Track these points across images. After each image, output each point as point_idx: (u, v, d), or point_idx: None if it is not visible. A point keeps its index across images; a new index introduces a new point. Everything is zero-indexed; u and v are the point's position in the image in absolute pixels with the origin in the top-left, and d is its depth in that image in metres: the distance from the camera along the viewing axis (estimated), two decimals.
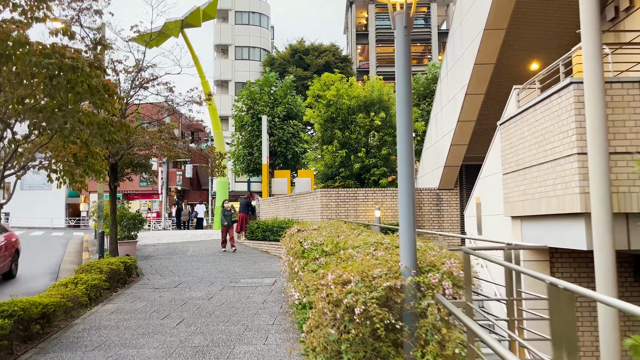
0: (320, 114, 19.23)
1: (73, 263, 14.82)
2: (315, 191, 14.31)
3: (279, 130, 26.74)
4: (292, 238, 7.70)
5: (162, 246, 17.73)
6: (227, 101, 43.20)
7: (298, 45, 40.28)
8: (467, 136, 12.10)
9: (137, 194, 43.96)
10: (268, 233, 16.06)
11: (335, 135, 18.92)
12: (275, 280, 10.56)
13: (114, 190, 13.49)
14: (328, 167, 19.48)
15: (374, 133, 18.55)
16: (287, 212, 16.37)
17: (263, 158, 20.70)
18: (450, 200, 13.94)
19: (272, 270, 12.11)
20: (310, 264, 4.58)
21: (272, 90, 28.18)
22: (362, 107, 18.98)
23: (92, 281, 8.64)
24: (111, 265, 9.88)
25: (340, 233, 7.25)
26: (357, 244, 5.12)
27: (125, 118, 13.61)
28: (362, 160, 18.29)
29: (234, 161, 28.96)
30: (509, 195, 8.13)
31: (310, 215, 14.62)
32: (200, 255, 15.31)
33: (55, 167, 7.10)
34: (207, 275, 11.42)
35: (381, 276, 3.54)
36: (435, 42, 43.97)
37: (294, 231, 8.73)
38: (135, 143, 12.56)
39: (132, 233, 15.02)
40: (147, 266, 13.23)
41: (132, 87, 13.73)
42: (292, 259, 6.46)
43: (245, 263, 13.48)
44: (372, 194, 14.00)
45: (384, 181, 18.20)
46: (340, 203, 13.94)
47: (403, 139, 3.92)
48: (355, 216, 13.93)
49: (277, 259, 14.33)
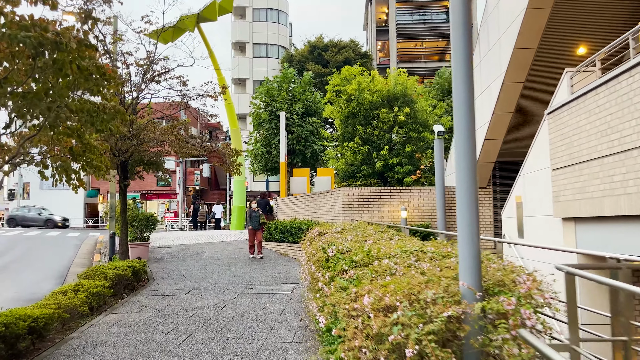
0: (341, 110, 18.33)
1: (83, 265, 14.18)
2: (337, 190, 13.42)
3: (297, 128, 25.91)
4: (313, 243, 6.82)
5: (177, 248, 17.04)
6: (245, 100, 42.57)
7: (317, 42, 39.43)
8: (502, 130, 11.07)
9: (155, 194, 43.65)
10: (286, 234, 15.22)
11: (356, 131, 17.99)
12: (294, 286, 9.69)
13: (125, 189, 12.79)
14: (349, 165, 18.56)
15: (398, 129, 17.56)
16: (307, 213, 15.51)
17: (281, 156, 19.88)
18: (482, 199, 12.91)
19: (290, 275, 11.25)
20: (338, 278, 3.68)
21: (291, 87, 27.38)
22: (384, 101, 18.03)
23: (94, 288, 7.88)
24: (117, 271, 9.14)
25: (368, 237, 6.34)
26: (393, 252, 4.21)
27: (136, 114, 12.91)
28: (385, 157, 17.32)
29: (251, 160, 28.23)
30: (560, 193, 7.12)
31: (331, 216, 13.73)
32: (215, 257, 14.54)
33: (48, 163, 6.35)
34: (221, 281, 10.61)
35: (437, 300, 2.63)
36: None
37: (315, 234, 7.85)
38: (145, 139, 11.83)
39: (144, 234, 14.32)
40: (159, 269, 12.50)
41: (143, 80, 13.02)
42: (314, 268, 5.58)
43: (262, 267, 12.66)
44: (398, 193, 13.05)
45: (409, 179, 17.20)
46: (363, 203, 13.02)
47: (463, 128, 3.01)
48: (379, 217, 12.99)
49: (296, 262, 13.48)
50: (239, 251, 15.76)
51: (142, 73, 12.98)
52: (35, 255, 16.12)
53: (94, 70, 5.43)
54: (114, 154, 12.10)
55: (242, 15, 44.14)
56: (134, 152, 12.12)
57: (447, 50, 44.09)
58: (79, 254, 16.59)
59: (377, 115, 17.79)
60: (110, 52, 12.69)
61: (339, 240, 5.93)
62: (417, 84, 19.04)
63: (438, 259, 3.87)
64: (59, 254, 16.40)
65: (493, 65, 10.63)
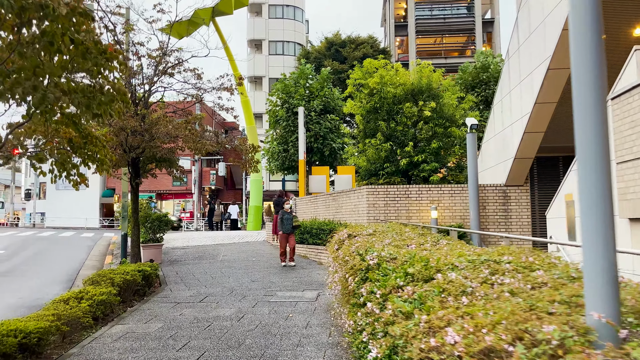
0: (362, 104, 17.44)
1: (93, 268, 13.52)
2: (361, 188, 12.55)
3: (315, 125, 25.10)
4: (344, 247, 5.96)
5: (192, 249, 16.33)
6: (261, 98, 41.91)
7: (334, 38, 38.58)
8: (544, 122, 10.09)
9: (171, 194, 43.20)
10: (306, 235, 14.38)
11: (379, 127, 17.10)
12: (318, 293, 8.84)
13: (136, 188, 12.09)
14: (371, 162, 17.67)
15: (423, 124, 16.62)
16: (327, 213, 14.66)
17: (300, 153, 19.06)
18: (519, 198, 11.92)
19: (312, 279, 10.41)
20: (396, 298, 2.83)
21: (308, 83, 26.58)
22: (408, 95, 17.10)
23: (100, 296, 7.13)
24: (126, 276, 8.38)
25: (409, 241, 5.47)
26: (456, 262, 3.34)
27: (148, 108, 12.20)
28: (410, 154, 16.39)
29: (268, 158, 27.49)
30: (627, 190, 6.15)
31: (354, 216, 12.86)
32: (231, 260, 13.77)
33: (46, 155, 5.60)
34: (239, 286, 9.81)
35: (564, 342, 1.76)
36: (479, 32, 41.41)
37: (343, 236, 7.00)
38: (157, 134, 11.09)
39: (157, 235, 13.61)
40: (172, 273, 11.76)
41: (155, 73, 12.31)
42: (350, 279, 4.73)
43: (281, 271, 11.84)
44: (427, 192, 12.13)
45: (435, 177, 16.26)
46: (389, 202, 12.13)
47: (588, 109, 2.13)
48: (407, 217, 12.09)
49: (317, 265, 12.65)
50: (257, 253, 14.98)
51: (155, 65, 12.27)
52: (46, 257, 15.54)
53: (91, 46, 4.64)
54: (125, 150, 11.41)
55: (257, 12, 43.48)
56: (145, 148, 11.40)
57: (468, 45, 42.90)
58: (90, 256, 15.98)
59: (401, 110, 16.87)
60: (121, 42, 12.00)
61: (377, 245, 5.07)
62: (442, 77, 18.09)
63: (521, 271, 2.99)
64: (69, 256, 15.80)
65: (536, 50, 9.66)
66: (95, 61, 4.72)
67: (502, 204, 11.93)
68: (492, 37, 42.33)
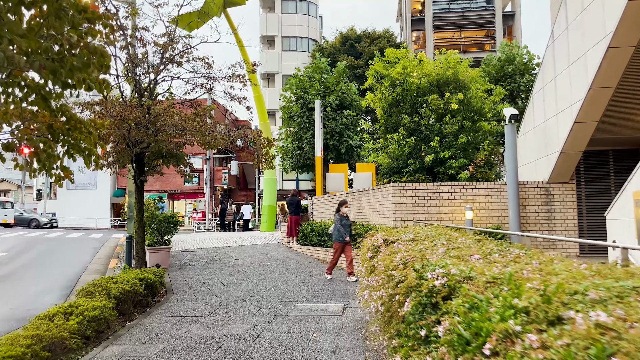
0: (384, 97, 16.28)
1: (97, 273, 12.57)
2: (386, 186, 11.41)
3: (331, 121, 23.95)
4: (385, 257, 4.85)
5: (202, 252, 15.31)
6: (274, 95, 40.93)
7: (349, 33, 37.42)
8: (599, 110, 8.87)
9: (182, 194, 42.40)
10: (325, 238, 13.28)
11: (401, 121, 15.93)
12: (343, 306, 7.72)
13: (141, 186, 11.08)
14: (392, 159, 16.51)
15: (449, 118, 15.40)
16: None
17: (316, 150, 17.94)
18: (564, 197, 10.68)
19: (335, 287, 9.30)
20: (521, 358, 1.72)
21: (323, 78, 25.46)
22: (433, 87, 15.91)
23: (92, 311, 6.10)
24: (125, 285, 7.35)
25: (466, 250, 4.35)
26: (584, 289, 2.20)
27: (154, 99, 11.19)
28: (436, 150, 15.19)
29: (282, 156, 26.42)
30: None
31: (379, 217, 11.73)
32: (244, 264, 12.72)
33: (15, 144, 4.58)
34: (253, 295, 8.74)
35: None
36: (499, 25, 39.94)
37: (378, 241, 5.87)
38: (163, 127, 10.07)
39: (164, 238, 12.60)
40: (180, 279, 10.74)
41: (162, 61, 11.29)
42: (398, 297, 3.61)
43: (299, 277, 10.75)
44: (461, 190, 10.95)
45: (464, 175, 15.05)
46: (418, 201, 10.97)
47: None
48: (438, 218, 10.92)
49: (339, 270, 11.54)
50: (271, 257, 13.90)
51: (161, 52, 11.25)
52: (48, 260, 14.63)
53: (66, 2, 3.59)
54: (128, 144, 10.40)
55: (270, 8, 42.48)
56: (150, 142, 10.39)
57: (487, 40, 41.46)
58: (95, 259, 15.04)
59: (426, 103, 15.68)
60: (125, 27, 10.99)
61: (432, 256, 3.95)
62: (469, 68, 16.87)
63: None
64: (73, 259, 14.87)
65: (590, 28, 8.45)
66: (71, 21, 3.66)
67: (544, 204, 10.71)
68: (513, 31, 40.83)
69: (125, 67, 11.06)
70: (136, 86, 10.87)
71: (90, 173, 41.06)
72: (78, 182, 42.86)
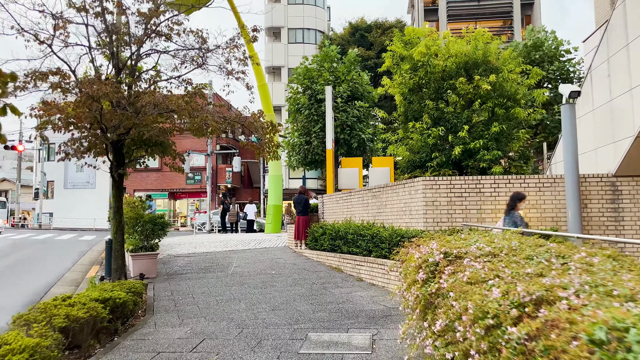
0: (404, 81, 14.31)
1: (72, 283, 10.73)
2: (414, 181, 9.47)
3: (341, 114, 21.99)
4: (462, 286, 2.92)
5: (198, 257, 13.44)
6: (280, 90, 39.08)
7: (359, 23, 35.47)
8: None
9: (184, 193, 40.68)
10: (339, 242, 11.38)
11: (424, 108, 13.95)
12: (371, 336, 5.79)
13: (119, 180, 9.20)
14: (414, 152, 14.53)
15: (479, 104, 13.39)
16: (366, 213, 11.61)
17: (327, 142, 16.01)
18: (635, 193, 8.71)
19: (357, 306, 7.38)
20: None
21: (333, 67, 23.52)
22: (461, 69, 13.95)
23: (17, 355, 4.22)
24: (79, 311, 5.46)
25: (596, 277, 2.43)
26: None
27: (135, 76, 9.32)
28: (465, 141, 13.21)
29: (288, 152, 24.51)
30: None
31: (405, 218, 9.80)
32: (245, 273, 10.82)
33: None
34: (252, 319, 6.84)
35: None
36: (517, 15, 37.86)
37: (434, 256, 3.93)
38: (144, 108, 8.17)
39: (151, 242, 10.73)
40: (166, 293, 8.85)
41: (145, 32, 9.42)
42: None
43: (310, 290, 8.84)
44: (506, 185, 8.99)
45: (498, 169, 13.07)
46: (454, 199, 9.03)
47: None
48: (478, 218, 8.98)
49: (357, 281, 9.65)
50: (277, 264, 12.00)
51: (144, 22, 9.38)
52: (23, 267, 12.81)
53: None
54: (102, 129, 8.53)
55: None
56: (129, 127, 8.51)
57: (504, 30, 39.36)
58: (76, 266, 13.21)
59: (452, 87, 13.71)
60: None
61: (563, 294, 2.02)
62: (499, 48, 14.89)
63: None
64: (51, 266, 13.06)
65: None
66: None
67: (610, 201, 8.74)
68: (532, 21, 38.69)
69: (102, 38, 9.20)
70: (113, 59, 9.01)
71: (88, 172, 39.18)
72: (76, 181, 41.15)
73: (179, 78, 9.17)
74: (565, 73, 22.14)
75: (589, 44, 15.06)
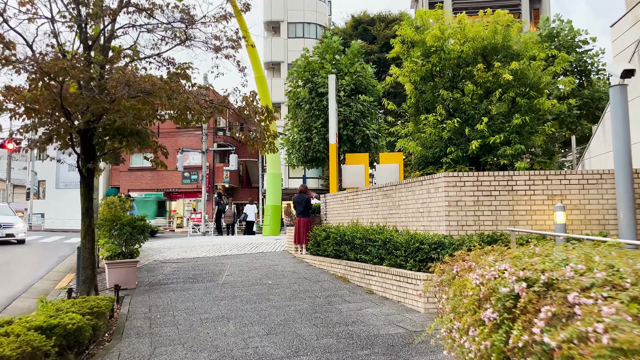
0: (416, 69, 12.94)
1: (42, 293, 9.34)
2: (434, 177, 8.11)
3: (344, 108, 20.63)
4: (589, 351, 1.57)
5: (187, 264, 12.07)
6: (279, 86, 37.70)
7: (362, 16, 34.12)
8: None
9: (180, 193, 39.30)
10: (345, 247, 10.03)
11: (438, 98, 12.61)
12: None
13: (88, 176, 7.84)
14: (427, 147, 13.18)
15: (499, 94, 12.03)
16: (375, 215, 10.24)
17: (330, 135, 14.64)
18: None
19: (370, 330, 6.01)
20: None
21: (335, 60, 22.15)
22: (478, 56, 12.62)
23: None
24: (7, 347, 4.10)
25: None
26: None
27: (108, 55, 7.96)
28: (483, 134, 11.86)
29: (287, 149, 23.14)
30: None
31: (422, 220, 8.43)
32: (237, 283, 9.46)
33: None
34: (242, 348, 5.47)
35: None
36: (525, 8, 36.57)
37: (510, 284, 2.56)
38: (115, 90, 6.80)
39: (130, 248, 9.36)
40: (143, 310, 7.49)
41: (120, 4, 8.07)
42: None
43: (313, 306, 7.48)
44: (543, 181, 7.64)
45: (522, 164, 11.73)
46: (482, 198, 7.67)
47: None
48: (510, 221, 7.62)
49: (367, 293, 8.31)
50: (275, 272, 10.64)
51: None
52: None
53: None
54: (66, 114, 7.17)
55: None
56: (99, 113, 7.14)
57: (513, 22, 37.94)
58: (51, 273, 11.86)
59: (470, 75, 12.37)
60: None
61: None
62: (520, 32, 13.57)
63: None
64: (25, 272, 11.71)
65: None
66: None
67: None
68: (540, 14, 37.32)
69: (69, 11, 7.84)
70: (81, 34, 7.65)
71: None
72: (68, 180, 39.76)
73: (159, 57, 7.80)
74: (583, 65, 20.77)
75: (618, 28, 13.72)
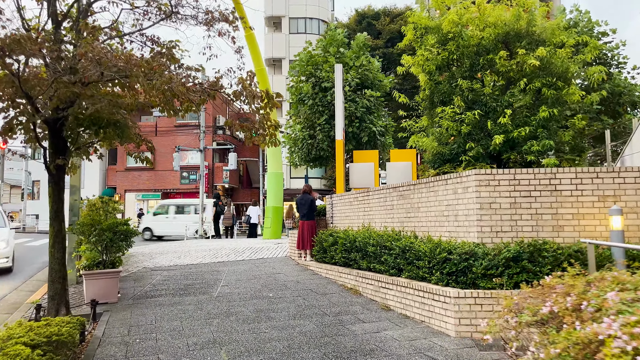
0: (431, 57, 11.79)
1: (11, 308, 8.23)
2: (463, 175, 6.95)
3: (349, 104, 19.51)
4: None
5: (180, 271, 10.93)
6: (281, 83, 36.58)
7: (366, 11, 33.00)
8: None
9: (179, 193, 38.14)
10: (355, 255, 8.88)
11: (456, 89, 11.47)
12: None
13: (58, 174, 6.69)
14: (443, 142, 12.04)
15: (523, 84, 10.85)
16: (390, 218, 9.07)
17: (337, 131, 13.46)
18: None
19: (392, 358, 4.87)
20: None
21: (340, 53, 21.02)
22: (499, 43, 11.48)
23: None
24: None
25: None
26: None
27: (81, 32, 6.79)
28: (506, 128, 10.71)
29: (289, 147, 22.02)
30: None
31: (447, 225, 7.27)
32: (234, 297, 8.30)
33: None
34: None
35: None
36: None
37: None
38: (84, 68, 5.66)
39: (111, 256, 8.21)
40: (121, 332, 6.34)
41: None
42: None
43: (320, 326, 6.32)
44: (593, 180, 6.49)
45: (550, 161, 10.58)
46: (519, 200, 6.52)
47: None
48: (554, 227, 6.46)
49: (383, 310, 7.16)
50: (275, 281, 9.48)
51: None
52: None
53: None
54: (28, 98, 6.01)
55: None
56: (70, 99, 5.98)
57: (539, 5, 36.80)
58: (28, 282, 10.74)
59: (491, 63, 11.23)
60: None
61: None
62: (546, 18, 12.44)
63: None
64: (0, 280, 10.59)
65: None
66: None
67: None
68: (555, 5, 36.18)
69: None
70: (49, 7, 6.50)
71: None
72: None
73: (141, 33, 6.66)
74: (603, 57, 19.60)
75: None
